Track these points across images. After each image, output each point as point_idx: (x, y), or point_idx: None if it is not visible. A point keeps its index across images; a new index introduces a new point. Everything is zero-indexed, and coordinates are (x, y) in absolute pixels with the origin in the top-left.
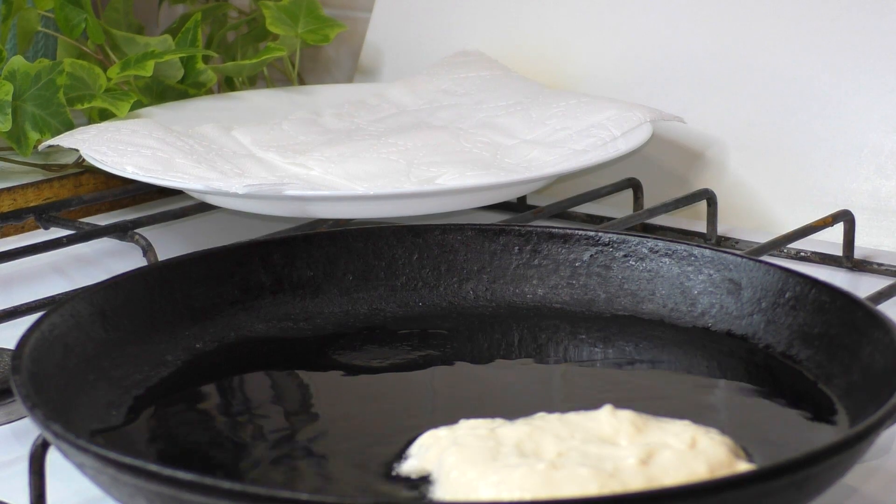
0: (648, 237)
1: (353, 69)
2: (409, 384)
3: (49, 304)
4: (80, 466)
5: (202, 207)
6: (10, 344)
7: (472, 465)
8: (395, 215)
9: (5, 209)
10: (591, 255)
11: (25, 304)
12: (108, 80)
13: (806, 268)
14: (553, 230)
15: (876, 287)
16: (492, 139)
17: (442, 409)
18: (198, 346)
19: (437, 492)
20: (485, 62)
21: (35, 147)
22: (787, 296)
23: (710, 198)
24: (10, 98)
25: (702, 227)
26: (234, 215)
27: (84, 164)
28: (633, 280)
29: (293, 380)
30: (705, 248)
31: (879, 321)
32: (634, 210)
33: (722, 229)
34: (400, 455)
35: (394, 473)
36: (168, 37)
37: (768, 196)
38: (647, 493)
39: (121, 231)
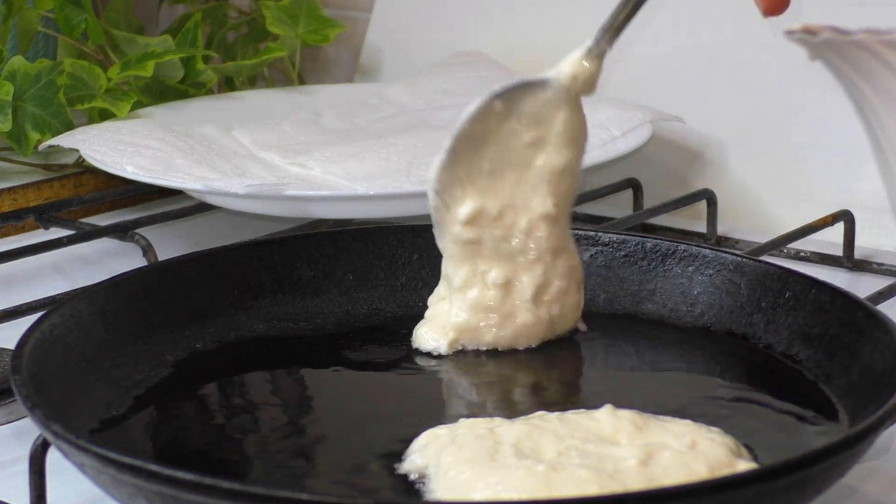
0: (648, 237)
1: (353, 69)
2: (408, 383)
3: (49, 304)
4: (80, 466)
5: (202, 207)
6: (10, 344)
7: (470, 464)
8: (395, 215)
9: (5, 209)
10: (591, 255)
11: (25, 304)
12: (109, 80)
13: (806, 268)
14: None
15: (876, 287)
16: None
17: (442, 407)
18: (198, 346)
19: (436, 491)
20: (485, 62)
21: (35, 147)
22: (787, 295)
23: (709, 198)
24: (10, 98)
25: (702, 227)
26: (234, 215)
27: (84, 164)
28: (633, 280)
29: (293, 380)
30: (705, 248)
31: (879, 321)
32: (634, 210)
33: (722, 229)
34: (400, 453)
35: (393, 472)
36: (168, 37)
37: (768, 196)
38: (647, 493)
39: (121, 231)
